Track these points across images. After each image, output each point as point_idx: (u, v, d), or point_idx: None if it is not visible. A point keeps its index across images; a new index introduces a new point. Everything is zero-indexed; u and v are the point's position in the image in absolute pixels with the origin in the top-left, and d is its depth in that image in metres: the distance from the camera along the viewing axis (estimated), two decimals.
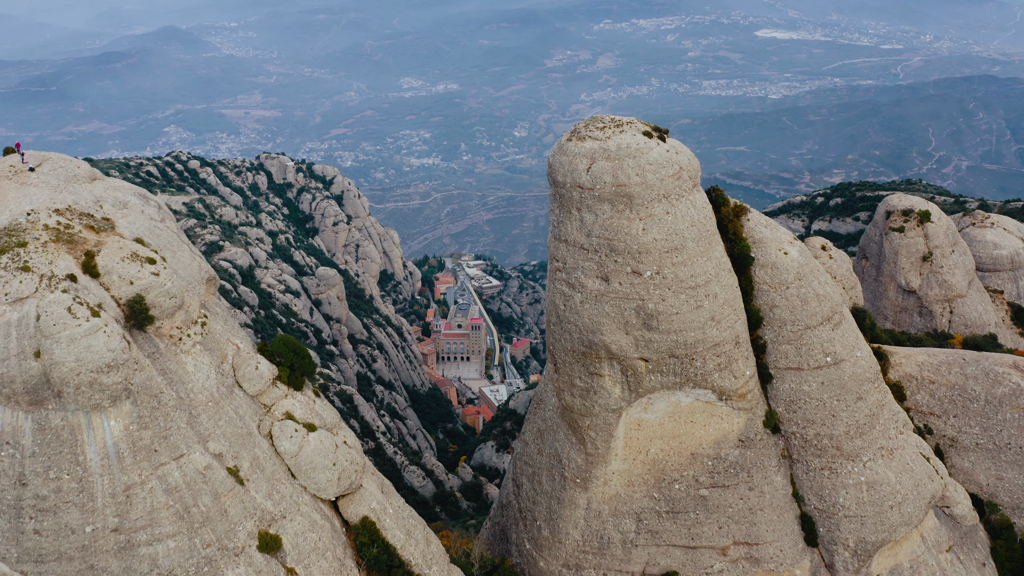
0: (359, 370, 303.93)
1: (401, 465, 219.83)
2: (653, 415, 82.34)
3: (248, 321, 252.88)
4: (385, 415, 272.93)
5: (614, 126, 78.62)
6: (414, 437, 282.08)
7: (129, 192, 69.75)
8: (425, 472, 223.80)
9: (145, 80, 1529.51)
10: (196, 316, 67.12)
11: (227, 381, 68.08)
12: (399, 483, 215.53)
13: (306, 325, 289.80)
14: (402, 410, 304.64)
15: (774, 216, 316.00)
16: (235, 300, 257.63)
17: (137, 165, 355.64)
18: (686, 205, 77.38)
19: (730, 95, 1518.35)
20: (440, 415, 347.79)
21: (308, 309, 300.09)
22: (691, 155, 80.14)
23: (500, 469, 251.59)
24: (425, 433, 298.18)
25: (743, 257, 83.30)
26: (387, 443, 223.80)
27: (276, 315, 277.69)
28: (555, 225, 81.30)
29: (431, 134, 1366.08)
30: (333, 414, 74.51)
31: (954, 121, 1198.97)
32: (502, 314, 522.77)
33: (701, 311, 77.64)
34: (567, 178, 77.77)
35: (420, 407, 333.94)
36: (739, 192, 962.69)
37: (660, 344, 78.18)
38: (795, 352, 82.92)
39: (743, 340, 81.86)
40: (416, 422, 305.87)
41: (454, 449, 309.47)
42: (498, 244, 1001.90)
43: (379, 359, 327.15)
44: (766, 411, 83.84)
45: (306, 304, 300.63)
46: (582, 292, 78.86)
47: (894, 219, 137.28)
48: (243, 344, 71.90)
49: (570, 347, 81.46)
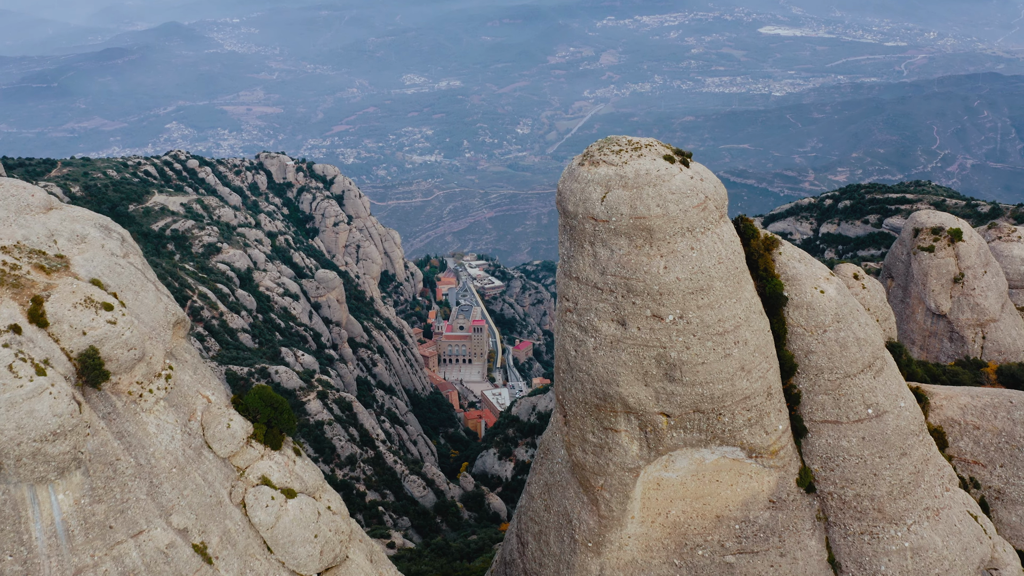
0: (359, 374, 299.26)
1: (401, 475, 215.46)
2: (674, 474, 73.29)
3: (246, 326, 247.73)
4: (385, 421, 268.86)
5: (631, 149, 69.84)
6: (415, 443, 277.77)
7: (89, 223, 61.12)
8: (426, 482, 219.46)
9: (147, 76, 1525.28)
10: (160, 368, 59.15)
11: (195, 442, 60.05)
12: (400, 493, 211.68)
13: (305, 329, 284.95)
14: (403, 415, 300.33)
15: (781, 219, 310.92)
16: (232, 304, 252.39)
17: (135, 165, 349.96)
18: (712, 239, 68.87)
19: (734, 92, 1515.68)
20: (441, 419, 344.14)
21: (307, 312, 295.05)
22: (717, 182, 71.45)
23: (502, 477, 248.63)
24: (426, 439, 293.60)
25: (775, 297, 74.75)
26: (387, 452, 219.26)
27: (274, 319, 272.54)
28: (565, 260, 73.11)
29: (433, 131, 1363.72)
30: (315, 475, 66.79)
31: (959, 119, 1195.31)
32: (504, 315, 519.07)
33: (730, 360, 69.14)
34: (578, 208, 69.50)
35: (421, 412, 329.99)
36: (743, 190, 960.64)
37: (684, 397, 69.63)
38: (833, 403, 74.21)
39: (776, 391, 73.10)
40: (417, 427, 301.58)
41: (455, 455, 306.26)
42: (500, 242, 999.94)
43: (380, 363, 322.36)
44: (800, 468, 75.27)
45: (305, 307, 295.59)
46: (595, 337, 70.31)
47: (923, 237, 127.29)
48: (215, 396, 63.34)
49: (582, 398, 72.78)
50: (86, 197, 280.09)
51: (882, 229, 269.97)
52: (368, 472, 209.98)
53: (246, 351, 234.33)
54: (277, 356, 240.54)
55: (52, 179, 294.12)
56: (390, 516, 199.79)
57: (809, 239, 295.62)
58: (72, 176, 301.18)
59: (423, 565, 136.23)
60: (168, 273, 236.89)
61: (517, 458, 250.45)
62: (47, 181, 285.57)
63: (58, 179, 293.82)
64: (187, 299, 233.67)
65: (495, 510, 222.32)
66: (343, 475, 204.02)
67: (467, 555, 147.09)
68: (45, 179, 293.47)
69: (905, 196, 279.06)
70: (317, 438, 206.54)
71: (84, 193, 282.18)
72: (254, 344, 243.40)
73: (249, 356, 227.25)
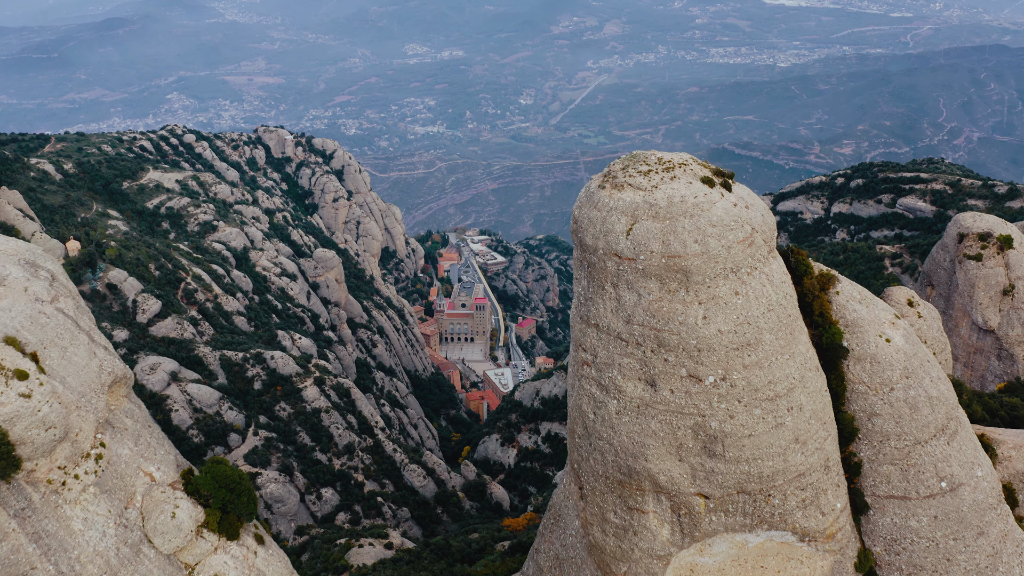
0: (359, 356, 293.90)
1: (401, 463, 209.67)
2: (711, 559, 61.34)
3: (242, 308, 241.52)
4: (385, 404, 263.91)
5: (663, 169, 57.47)
6: (415, 427, 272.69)
7: (11, 260, 49.07)
8: (426, 471, 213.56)
9: (148, 47, 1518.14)
10: (90, 445, 47.89)
11: (133, 537, 49.64)
12: (399, 482, 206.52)
13: (303, 310, 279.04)
14: (403, 398, 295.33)
15: (791, 197, 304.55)
16: (228, 286, 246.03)
17: (131, 140, 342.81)
18: (760, 281, 56.84)
19: (738, 63, 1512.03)
20: (443, 401, 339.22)
21: (305, 293, 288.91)
22: (765, 209, 59.21)
23: (504, 464, 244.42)
24: (427, 422, 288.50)
25: (833, 349, 62.46)
26: (386, 440, 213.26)
27: (271, 300, 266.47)
28: (582, 302, 60.70)
29: (436, 102, 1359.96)
30: (282, 567, 55.85)
31: (965, 91, 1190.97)
32: (507, 291, 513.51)
33: (782, 431, 57.26)
34: (599, 242, 57.22)
35: (422, 393, 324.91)
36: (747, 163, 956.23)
37: (726, 476, 57.67)
38: (900, 475, 61.88)
39: (834, 463, 61.10)
40: (418, 410, 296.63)
41: (457, 438, 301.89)
42: (503, 214, 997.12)
43: (379, 344, 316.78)
44: (859, 551, 62.66)
45: (303, 288, 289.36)
46: (619, 399, 58.08)
47: (969, 244, 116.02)
48: (161, 470, 51.75)
49: (601, 471, 60.96)
50: (79, 174, 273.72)
51: (896, 209, 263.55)
52: (367, 461, 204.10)
53: (241, 335, 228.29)
54: (273, 340, 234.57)
55: (45, 155, 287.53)
56: (389, 507, 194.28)
57: (820, 218, 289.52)
58: (65, 152, 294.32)
59: (422, 569, 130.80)
60: (161, 254, 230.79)
61: (520, 445, 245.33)
62: (39, 158, 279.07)
63: (51, 155, 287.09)
64: (181, 281, 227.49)
65: (497, 500, 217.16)
66: (341, 464, 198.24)
67: (468, 556, 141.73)
68: (37, 155, 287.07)
69: (919, 175, 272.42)
70: (314, 426, 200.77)
71: (77, 170, 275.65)
72: (250, 327, 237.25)
73: (244, 341, 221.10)
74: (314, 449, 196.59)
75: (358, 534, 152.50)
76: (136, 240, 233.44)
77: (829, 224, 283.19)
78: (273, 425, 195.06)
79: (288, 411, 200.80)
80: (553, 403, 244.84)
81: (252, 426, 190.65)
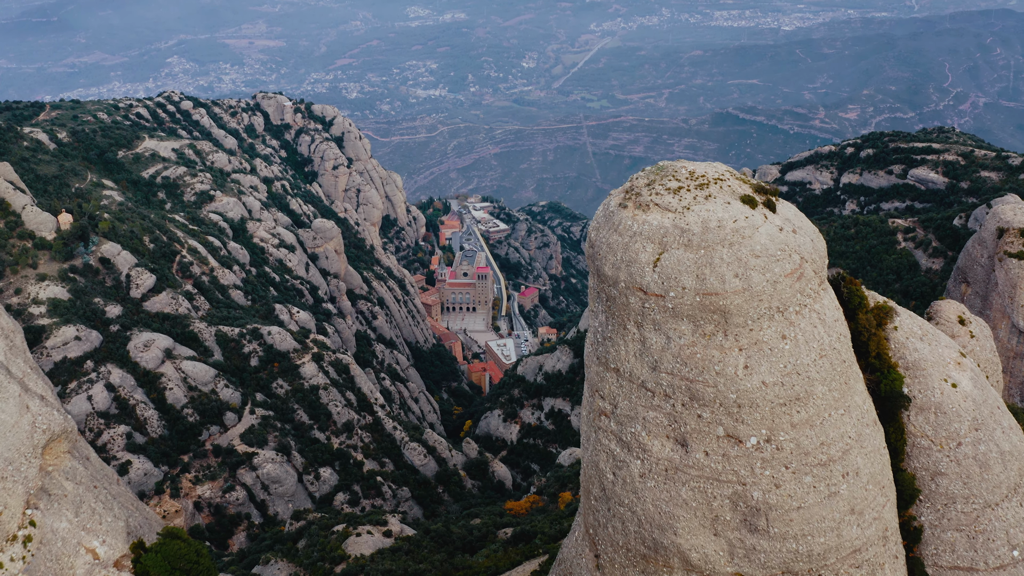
0: (359, 328, 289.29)
1: (401, 442, 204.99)
2: None
3: (238, 282, 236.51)
4: (386, 378, 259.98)
5: (695, 186, 48.29)
6: (416, 401, 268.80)
7: None
8: (427, 449, 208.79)
9: (148, 10, 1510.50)
10: (17, 525, 38.60)
11: None
12: (399, 461, 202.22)
13: (301, 282, 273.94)
14: (404, 371, 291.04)
15: (800, 167, 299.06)
16: (224, 259, 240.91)
17: (127, 107, 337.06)
18: (811, 322, 47.56)
19: (742, 26, 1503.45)
20: (444, 373, 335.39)
21: (304, 264, 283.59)
22: (815, 232, 49.62)
23: (507, 440, 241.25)
24: (428, 396, 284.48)
25: (893, 398, 53.24)
26: (386, 417, 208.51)
27: (269, 272, 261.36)
28: (599, 340, 51.25)
29: (438, 65, 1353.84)
30: None
31: (971, 56, 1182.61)
32: (510, 259, 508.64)
33: (836, 501, 48.08)
34: (620, 272, 48.11)
35: (423, 365, 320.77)
36: (752, 127, 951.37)
37: (770, 555, 48.25)
38: (967, 543, 53.15)
39: (892, 531, 51.64)
40: (419, 383, 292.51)
41: (459, 412, 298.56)
42: (506, 179, 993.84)
43: (380, 316, 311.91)
44: None
45: (302, 259, 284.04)
46: (643, 459, 49.24)
47: (1009, 240, 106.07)
48: (106, 544, 42.53)
49: (622, 542, 51.49)
50: (73, 143, 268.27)
51: (907, 180, 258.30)
52: (366, 440, 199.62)
53: (238, 309, 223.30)
54: (271, 314, 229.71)
55: (39, 124, 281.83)
56: (389, 487, 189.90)
57: (830, 189, 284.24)
58: (60, 121, 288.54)
59: (422, 559, 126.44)
60: (156, 226, 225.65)
61: (523, 420, 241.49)
62: (33, 126, 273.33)
63: (45, 124, 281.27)
64: (176, 254, 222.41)
65: (499, 478, 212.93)
66: (339, 443, 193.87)
67: (469, 545, 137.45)
68: (32, 123, 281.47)
69: (931, 146, 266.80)
70: (312, 404, 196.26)
71: (71, 139, 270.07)
72: (247, 301, 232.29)
73: (241, 316, 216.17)
74: (312, 427, 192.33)
75: (356, 520, 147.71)
76: (130, 212, 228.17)
77: (839, 195, 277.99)
78: (270, 403, 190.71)
79: (286, 388, 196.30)
80: (556, 378, 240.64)
81: (249, 404, 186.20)
